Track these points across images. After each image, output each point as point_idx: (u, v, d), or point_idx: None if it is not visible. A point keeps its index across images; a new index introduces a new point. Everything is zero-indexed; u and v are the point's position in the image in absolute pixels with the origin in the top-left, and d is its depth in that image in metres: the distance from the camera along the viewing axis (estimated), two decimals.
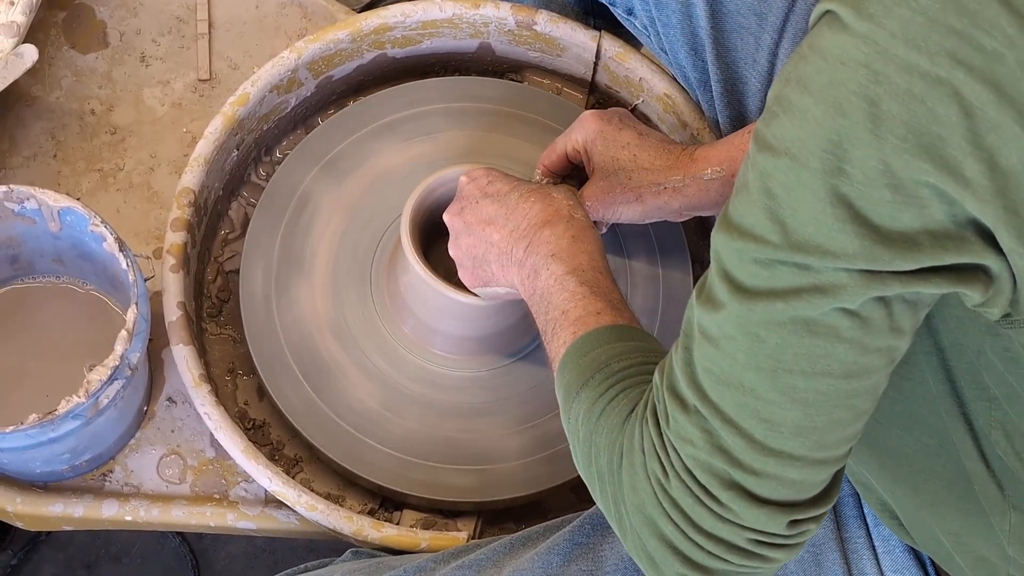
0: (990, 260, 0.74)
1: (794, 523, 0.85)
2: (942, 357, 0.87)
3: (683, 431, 0.84)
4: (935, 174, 0.71)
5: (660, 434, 0.86)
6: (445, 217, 1.16)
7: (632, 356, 0.95)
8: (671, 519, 0.86)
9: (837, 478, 0.87)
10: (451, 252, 1.16)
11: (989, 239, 0.73)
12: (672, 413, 0.85)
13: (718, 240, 0.80)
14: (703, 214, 1.21)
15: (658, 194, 1.18)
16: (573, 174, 1.24)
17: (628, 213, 1.19)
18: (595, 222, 1.18)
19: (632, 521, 0.88)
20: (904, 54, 0.70)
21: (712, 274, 0.81)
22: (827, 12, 0.73)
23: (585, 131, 1.21)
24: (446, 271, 1.21)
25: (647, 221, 1.21)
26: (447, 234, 1.18)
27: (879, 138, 0.71)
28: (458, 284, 1.19)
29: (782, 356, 0.79)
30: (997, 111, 0.70)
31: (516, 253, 1.08)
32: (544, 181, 1.22)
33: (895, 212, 0.73)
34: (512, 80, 1.45)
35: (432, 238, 1.27)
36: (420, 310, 1.26)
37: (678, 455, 0.84)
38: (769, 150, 0.76)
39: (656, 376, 0.88)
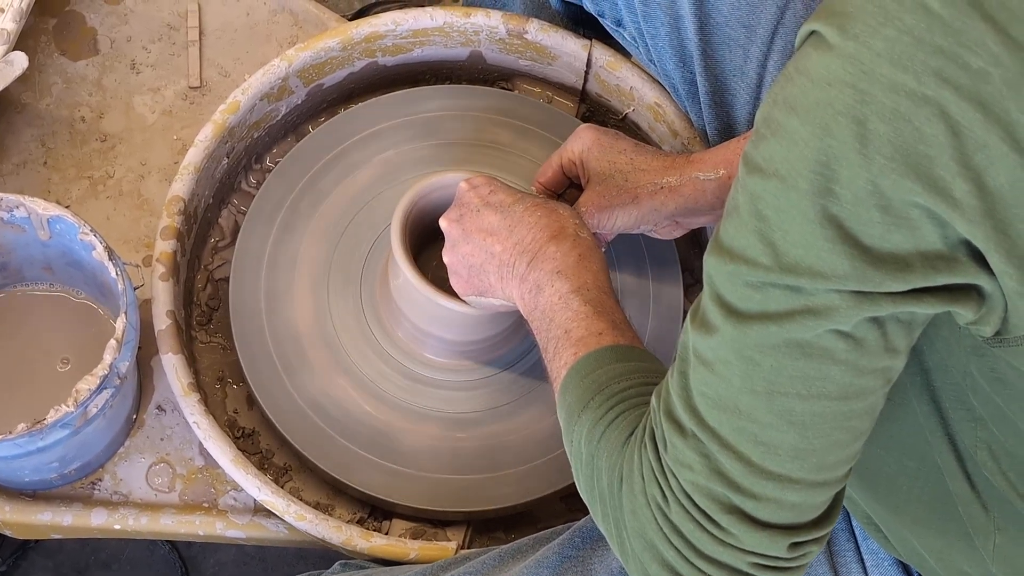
0: (982, 280, 0.74)
1: (795, 546, 0.85)
2: (926, 378, 0.87)
3: (681, 456, 0.84)
4: (924, 195, 0.71)
5: (659, 459, 0.86)
6: (442, 223, 1.15)
7: (632, 377, 0.94)
8: (672, 544, 0.85)
9: (837, 499, 0.87)
10: (446, 259, 1.15)
11: (981, 260, 0.73)
12: (670, 438, 0.84)
13: (710, 263, 0.80)
14: (697, 220, 1.20)
15: (654, 194, 1.18)
16: (567, 193, 1.23)
17: (624, 217, 1.19)
18: (595, 234, 1.17)
19: (633, 546, 0.88)
20: (890, 74, 0.70)
21: (705, 298, 0.81)
22: (812, 33, 0.73)
23: (581, 141, 1.20)
24: (436, 277, 1.21)
25: (642, 227, 1.20)
26: (438, 240, 1.17)
27: (867, 158, 0.71)
28: (449, 290, 1.19)
29: (777, 379, 0.79)
30: (984, 130, 0.69)
31: (518, 267, 1.08)
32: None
33: (885, 233, 0.73)
34: (503, 88, 1.45)
35: (423, 244, 1.26)
36: (411, 314, 1.25)
37: (677, 480, 0.84)
38: (758, 172, 0.76)
39: (653, 400, 0.87)
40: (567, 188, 1.24)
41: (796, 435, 0.80)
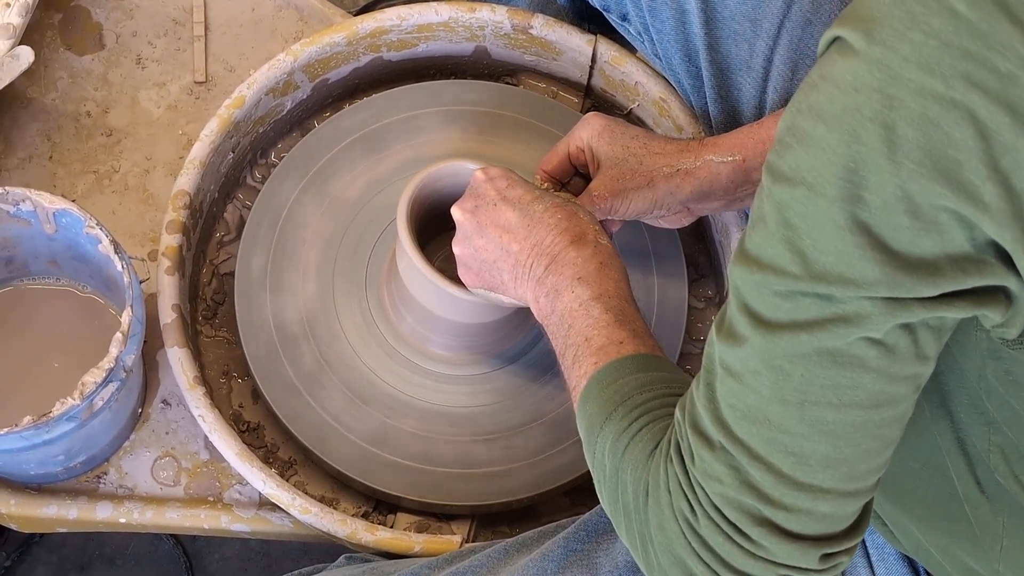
0: (1010, 282, 0.73)
1: (826, 557, 0.84)
2: (938, 381, 0.86)
3: (710, 469, 0.83)
4: (953, 199, 0.71)
5: (686, 472, 0.85)
6: (454, 211, 1.13)
7: (655, 387, 0.93)
8: (701, 559, 0.84)
9: (867, 509, 0.86)
10: (456, 250, 1.14)
11: (1008, 261, 0.73)
12: (697, 451, 0.83)
13: (736, 273, 0.79)
14: (709, 206, 1.19)
15: (670, 177, 1.17)
16: (572, 183, 1.23)
17: (639, 202, 1.17)
18: (602, 221, 1.16)
19: (661, 560, 0.87)
20: (918, 78, 0.69)
21: (732, 308, 0.80)
22: (836, 39, 0.73)
23: (591, 128, 1.19)
24: (442, 268, 1.20)
25: (655, 212, 1.19)
26: (446, 231, 1.17)
27: (896, 163, 0.71)
28: (453, 279, 1.18)
29: (808, 388, 0.78)
30: (1012, 133, 0.69)
31: (536, 269, 1.06)
32: (544, 186, 1.21)
33: (915, 238, 0.72)
34: (508, 84, 1.45)
35: (431, 235, 1.26)
36: (418, 297, 1.23)
37: (705, 493, 0.83)
38: (785, 181, 0.75)
39: (678, 413, 0.87)
40: (572, 177, 1.23)
41: (828, 445, 0.80)
